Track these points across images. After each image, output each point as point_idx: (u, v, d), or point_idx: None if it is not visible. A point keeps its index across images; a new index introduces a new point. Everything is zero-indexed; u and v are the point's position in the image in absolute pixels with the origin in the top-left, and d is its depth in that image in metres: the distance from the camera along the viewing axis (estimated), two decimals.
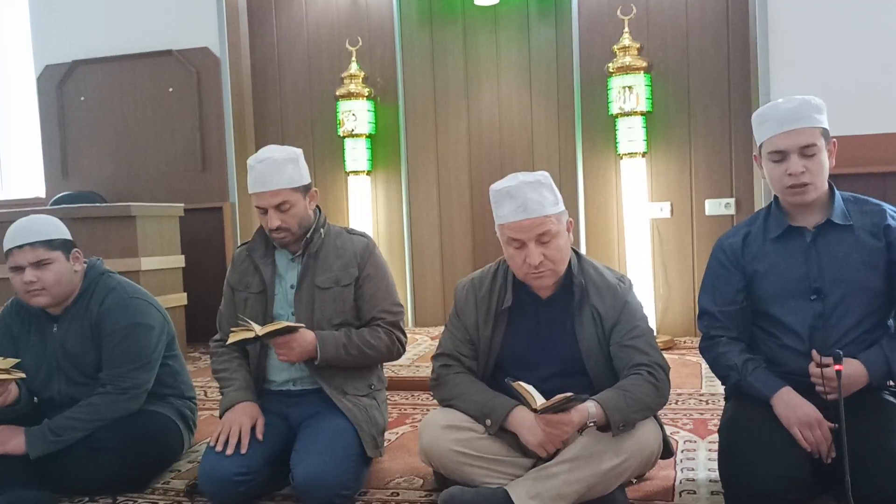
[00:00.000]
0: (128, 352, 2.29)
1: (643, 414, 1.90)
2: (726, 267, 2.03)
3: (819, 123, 1.90)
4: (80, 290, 2.35)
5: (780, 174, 1.90)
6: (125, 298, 2.35)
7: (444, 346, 2.14)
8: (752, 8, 4.07)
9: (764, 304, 1.98)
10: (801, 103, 1.89)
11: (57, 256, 2.27)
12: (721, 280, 2.03)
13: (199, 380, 3.65)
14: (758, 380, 1.93)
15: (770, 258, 1.97)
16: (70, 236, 2.36)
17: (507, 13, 4.67)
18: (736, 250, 2.02)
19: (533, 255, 1.92)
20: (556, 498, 1.83)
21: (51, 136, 5.10)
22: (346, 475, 2.08)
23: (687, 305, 4.42)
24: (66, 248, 2.31)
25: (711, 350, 2.04)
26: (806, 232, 1.95)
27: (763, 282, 1.98)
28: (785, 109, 1.89)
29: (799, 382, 1.89)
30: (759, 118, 1.96)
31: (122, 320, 2.31)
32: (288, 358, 2.19)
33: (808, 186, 1.88)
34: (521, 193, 1.91)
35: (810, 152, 1.87)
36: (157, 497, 2.24)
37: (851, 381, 1.82)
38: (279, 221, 2.24)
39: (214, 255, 4.72)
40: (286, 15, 5.03)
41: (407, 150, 4.85)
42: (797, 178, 1.87)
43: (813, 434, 1.82)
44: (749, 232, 2.03)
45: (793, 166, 1.87)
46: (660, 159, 4.40)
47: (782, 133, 1.89)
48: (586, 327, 2.01)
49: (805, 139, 1.87)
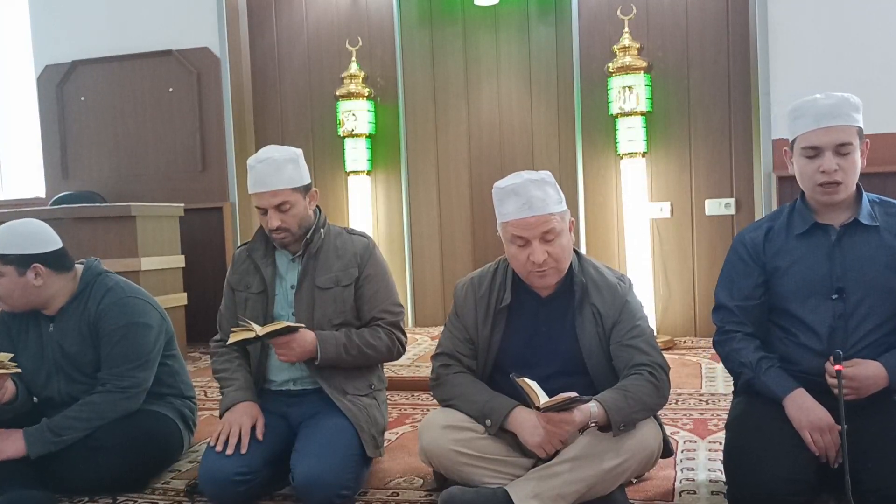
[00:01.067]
0: (126, 351, 2.29)
1: (644, 414, 1.90)
2: (746, 261, 2.01)
3: (856, 122, 1.87)
4: (76, 291, 2.34)
5: (813, 171, 1.88)
6: (122, 298, 2.35)
7: (443, 345, 2.14)
8: (752, 8, 4.07)
9: (783, 301, 1.96)
10: (839, 100, 1.86)
11: (6, 271, 2.24)
12: (739, 274, 2.01)
13: (199, 380, 3.65)
14: (771, 379, 1.91)
15: (793, 254, 1.95)
16: (46, 247, 2.28)
17: (507, 13, 4.67)
18: (757, 245, 2.00)
19: (537, 253, 1.92)
20: (557, 498, 1.83)
21: (51, 137, 5.10)
22: (346, 475, 2.08)
23: (687, 305, 4.42)
24: (21, 262, 2.24)
25: (726, 345, 2.02)
26: (831, 230, 1.93)
27: (784, 278, 1.95)
28: (823, 105, 1.86)
29: (813, 382, 1.87)
30: (796, 112, 1.92)
31: (120, 320, 2.31)
32: (288, 358, 2.19)
33: (839, 185, 1.86)
34: (526, 191, 1.91)
35: (845, 151, 1.85)
36: (157, 497, 2.24)
37: (870, 382, 1.80)
38: (279, 222, 2.24)
39: (214, 255, 4.72)
40: (286, 15, 5.03)
41: (407, 150, 4.85)
42: (830, 175, 1.85)
43: (823, 439, 1.80)
44: (772, 227, 2.01)
45: (826, 164, 1.85)
46: (660, 159, 4.40)
47: (819, 129, 1.86)
48: (587, 326, 2.01)
49: (842, 137, 1.85)
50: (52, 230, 2.35)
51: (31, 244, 2.27)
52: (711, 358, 3.79)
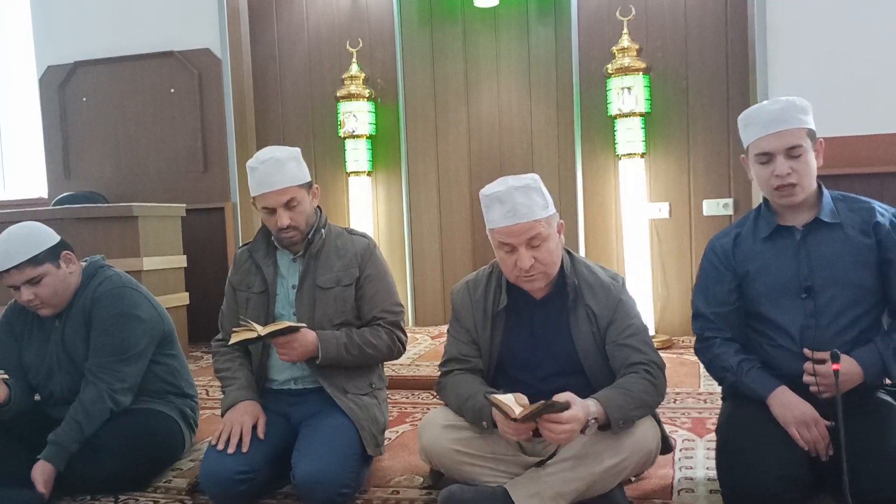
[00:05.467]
0: (113, 342, 2.28)
1: (642, 412, 1.91)
2: (718, 268, 2.05)
3: (804, 124, 1.90)
4: (79, 286, 2.36)
5: (767, 176, 1.91)
6: (117, 287, 2.35)
7: (448, 351, 2.14)
8: (751, 9, 4.08)
9: (755, 305, 2.00)
10: (785, 105, 1.90)
11: (46, 269, 2.24)
12: (713, 281, 2.05)
13: (201, 379, 3.67)
14: (753, 380, 1.94)
15: (761, 258, 1.99)
16: (55, 238, 2.31)
17: (507, 14, 4.69)
18: (727, 251, 2.04)
19: (523, 259, 1.93)
20: (556, 496, 1.84)
21: (53, 137, 5.12)
22: (347, 474, 2.09)
23: (685, 305, 4.43)
24: (53, 256, 2.27)
25: (707, 352, 2.05)
26: (795, 231, 1.96)
27: (754, 282, 1.99)
28: (770, 111, 1.91)
29: (793, 383, 1.89)
30: (745, 120, 1.97)
31: (111, 309, 2.31)
32: (289, 358, 2.21)
33: (795, 187, 1.90)
34: (511, 198, 1.91)
35: (796, 153, 1.89)
36: (159, 496, 2.26)
37: (846, 378, 1.82)
38: (289, 220, 2.24)
39: (216, 256, 4.74)
40: (287, 16, 5.04)
41: (407, 150, 4.87)
42: (783, 179, 1.89)
43: (810, 433, 1.82)
44: (740, 233, 2.05)
45: (779, 168, 1.89)
46: (658, 160, 4.41)
47: (768, 135, 1.90)
48: (581, 327, 2.02)
49: (790, 140, 1.88)
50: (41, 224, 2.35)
51: (45, 238, 2.29)
52: None
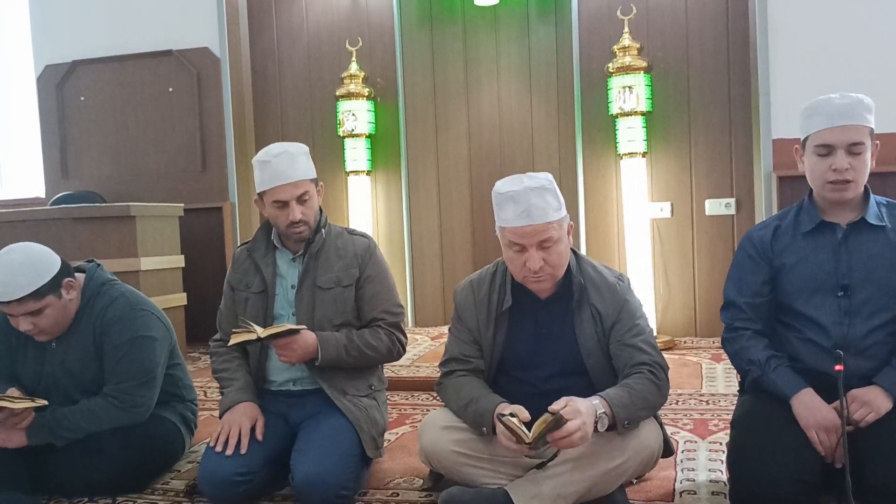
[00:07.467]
0: (131, 367, 2.24)
1: (646, 412, 1.90)
2: (754, 259, 2.03)
3: (869, 123, 1.90)
4: (80, 305, 2.27)
5: (824, 169, 1.90)
6: (128, 311, 2.28)
7: (449, 351, 2.13)
8: (752, 8, 4.07)
9: (789, 298, 1.98)
10: (854, 101, 1.90)
11: (48, 301, 2.15)
12: (748, 271, 2.03)
13: (199, 380, 3.64)
14: (780, 378, 1.92)
15: (799, 252, 1.98)
16: (57, 265, 2.17)
17: (507, 13, 4.67)
18: (765, 242, 2.03)
19: (533, 260, 1.91)
20: (557, 498, 1.83)
21: (51, 136, 5.10)
22: (346, 475, 2.08)
23: (687, 305, 4.42)
24: (55, 287, 2.16)
25: (734, 343, 2.04)
26: (838, 228, 1.95)
27: (790, 275, 1.98)
28: (838, 105, 1.90)
29: (819, 378, 1.88)
30: (809, 111, 1.95)
31: (125, 334, 2.24)
32: (289, 359, 2.19)
33: (850, 184, 1.89)
34: (526, 199, 1.89)
35: (857, 150, 1.88)
36: (157, 497, 2.24)
37: (873, 408, 1.82)
38: (301, 214, 2.24)
39: (214, 255, 4.72)
40: (286, 15, 5.03)
41: (407, 150, 4.85)
42: (841, 174, 1.88)
43: (830, 439, 1.81)
44: (779, 225, 2.04)
45: (838, 162, 1.88)
46: (660, 159, 4.40)
47: (832, 128, 1.89)
48: (585, 326, 2.01)
49: (854, 136, 1.88)
50: (41, 245, 2.23)
51: (47, 267, 2.16)
52: (712, 358, 3.79)
